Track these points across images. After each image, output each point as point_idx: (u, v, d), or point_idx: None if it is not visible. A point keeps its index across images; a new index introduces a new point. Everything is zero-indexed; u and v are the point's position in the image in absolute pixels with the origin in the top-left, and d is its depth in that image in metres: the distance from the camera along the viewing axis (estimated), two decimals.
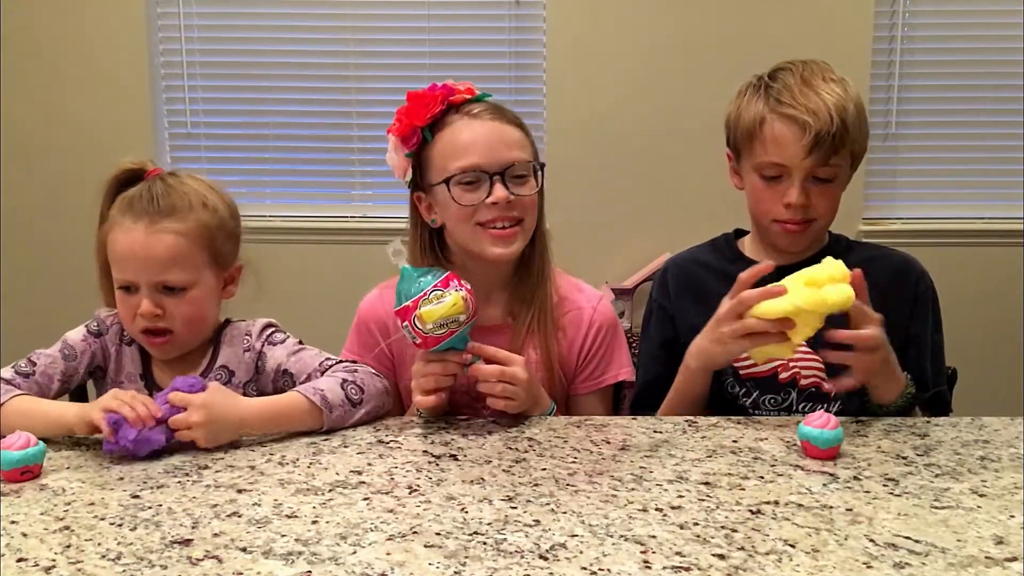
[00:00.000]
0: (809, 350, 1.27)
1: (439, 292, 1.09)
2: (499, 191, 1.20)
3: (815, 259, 1.30)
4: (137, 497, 0.89)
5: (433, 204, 1.27)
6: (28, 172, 2.82)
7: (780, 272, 1.17)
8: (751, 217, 1.34)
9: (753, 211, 1.31)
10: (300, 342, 1.26)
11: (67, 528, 0.81)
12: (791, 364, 1.27)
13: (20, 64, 2.77)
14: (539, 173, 1.26)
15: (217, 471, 0.97)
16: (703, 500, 0.87)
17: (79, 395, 1.32)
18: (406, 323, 1.10)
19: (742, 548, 0.76)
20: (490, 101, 1.28)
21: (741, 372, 1.29)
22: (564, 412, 1.35)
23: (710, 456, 1.01)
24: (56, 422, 1.08)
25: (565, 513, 0.84)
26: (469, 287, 1.13)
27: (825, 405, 1.25)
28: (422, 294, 1.09)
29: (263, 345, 1.24)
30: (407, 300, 1.10)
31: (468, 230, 1.24)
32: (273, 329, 1.27)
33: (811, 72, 1.24)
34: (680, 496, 0.89)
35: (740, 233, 1.40)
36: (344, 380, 1.15)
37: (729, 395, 1.30)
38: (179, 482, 0.93)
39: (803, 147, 1.20)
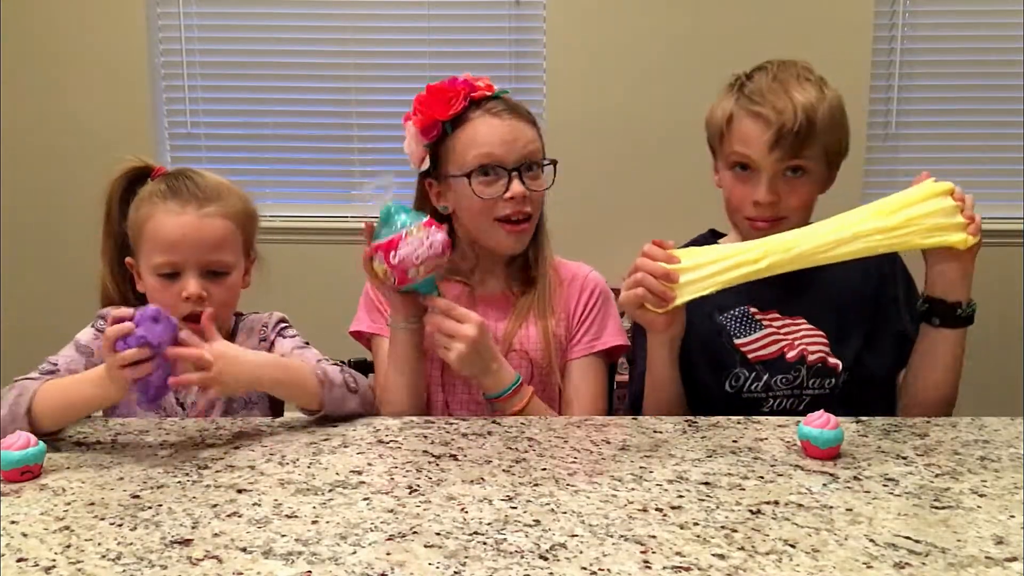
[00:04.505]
0: (812, 326, 1.29)
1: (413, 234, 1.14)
2: (516, 186, 1.26)
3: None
4: (137, 497, 0.89)
5: (445, 192, 1.32)
6: (28, 172, 2.82)
7: None
8: (727, 214, 1.35)
9: (727, 207, 1.33)
10: (307, 343, 1.29)
11: (67, 528, 0.81)
12: (796, 342, 1.29)
13: (20, 64, 2.77)
14: (544, 168, 1.31)
15: (217, 471, 0.97)
16: (703, 500, 0.87)
17: None
18: (380, 254, 1.15)
19: (742, 548, 0.76)
20: (506, 98, 1.32)
21: (750, 356, 1.29)
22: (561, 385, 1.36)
23: (710, 456, 1.01)
24: (86, 405, 1.09)
25: (565, 513, 0.84)
26: (445, 235, 1.17)
27: (833, 379, 1.27)
28: (399, 235, 1.13)
29: (275, 336, 1.29)
30: (386, 237, 1.14)
31: (485, 224, 1.29)
32: (285, 324, 1.32)
33: (786, 71, 1.26)
34: (680, 496, 0.89)
35: (717, 235, 1.41)
36: (342, 369, 1.21)
37: (733, 388, 1.30)
38: (179, 482, 0.93)
39: (766, 142, 1.22)
